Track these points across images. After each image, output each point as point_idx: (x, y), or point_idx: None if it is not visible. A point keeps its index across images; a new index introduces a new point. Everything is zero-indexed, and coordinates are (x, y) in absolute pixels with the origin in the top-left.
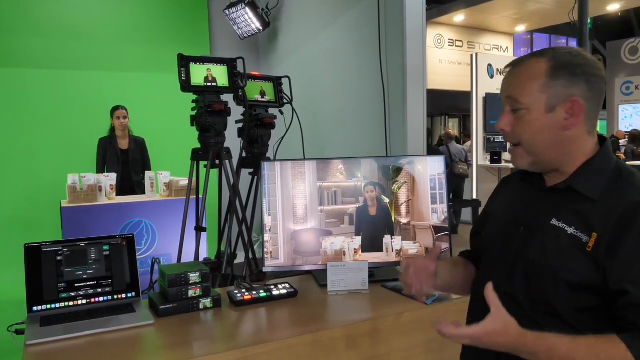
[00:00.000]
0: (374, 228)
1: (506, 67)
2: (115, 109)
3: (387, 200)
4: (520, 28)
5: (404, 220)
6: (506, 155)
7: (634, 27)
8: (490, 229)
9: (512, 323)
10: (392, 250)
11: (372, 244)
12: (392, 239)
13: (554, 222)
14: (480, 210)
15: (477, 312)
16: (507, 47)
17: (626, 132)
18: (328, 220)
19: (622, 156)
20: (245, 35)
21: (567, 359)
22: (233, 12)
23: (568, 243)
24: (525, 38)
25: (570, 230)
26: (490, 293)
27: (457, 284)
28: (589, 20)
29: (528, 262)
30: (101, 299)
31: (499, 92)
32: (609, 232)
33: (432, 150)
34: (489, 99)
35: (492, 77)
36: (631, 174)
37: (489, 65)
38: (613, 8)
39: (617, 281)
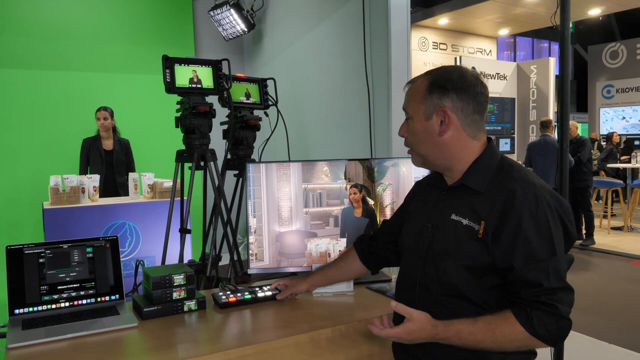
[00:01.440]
0: (359, 230)
1: (405, 85)
2: (97, 110)
3: (372, 202)
4: (504, 32)
5: None
6: None
7: (615, 31)
8: (407, 229)
9: (425, 321)
10: None
11: None
12: None
13: (453, 216)
14: None
15: (400, 299)
16: (490, 50)
17: (602, 135)
18: (313, 222)
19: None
20: (230, 37)
21: (471, 338)
22: (218, 14)
23: (464, 233)
24: (508, 41)
25: (465, 221)
26: (397, 307)
27: (342, 278)
28: (571, 25)
29: (435, 254)
30: (84, 301)
31: None
32: (493, 219)
33: None
34: None
35: None
36: (510, 167)
37: (473, 68)
38: (594, 13)
39: (504, 259)
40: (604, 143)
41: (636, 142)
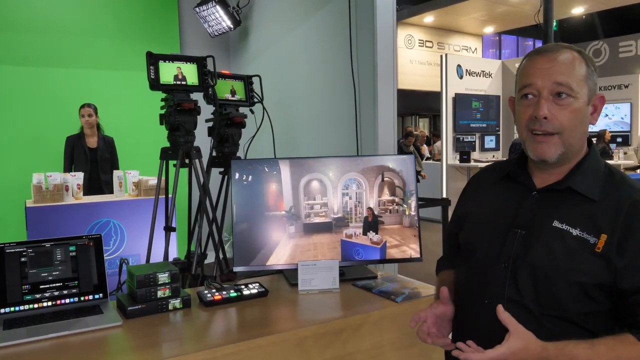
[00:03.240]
0: None
1: (537, 53)
2: (81, 107)
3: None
4: (489, 29)
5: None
6: (475, 155)
7: (598, 30)
8: (473, 231)
9: (532, 339)
10: None
11: None
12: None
13: (557, 224)
14: (451, 209)
15: (464, 319)
16: (476, 48)
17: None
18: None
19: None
20: (216, 34)
21: None
22: (203, 10)
23: (575, 244)
24: (493, 39)
25: (576, 231)
26: (503, 314)
27: None
28: (555, 23)
29: (533, 266)
30: (67, 300)
31: (468, 92)
32: (617, 232)
33: None
34: (458, 99)
35: (461, 77)
36: (621, 175)
37: (458, 65)
38: (578, 11)
39: (630, 279)
40: (595, 140)
41: (618, 139)
